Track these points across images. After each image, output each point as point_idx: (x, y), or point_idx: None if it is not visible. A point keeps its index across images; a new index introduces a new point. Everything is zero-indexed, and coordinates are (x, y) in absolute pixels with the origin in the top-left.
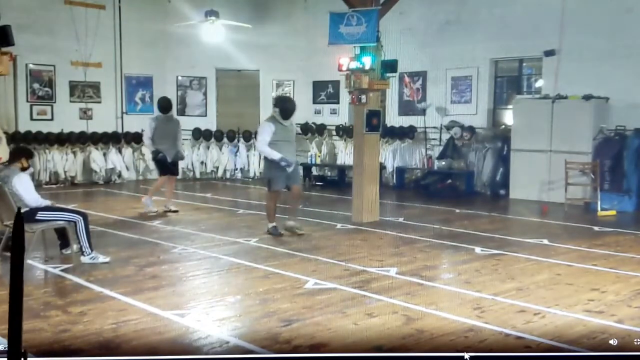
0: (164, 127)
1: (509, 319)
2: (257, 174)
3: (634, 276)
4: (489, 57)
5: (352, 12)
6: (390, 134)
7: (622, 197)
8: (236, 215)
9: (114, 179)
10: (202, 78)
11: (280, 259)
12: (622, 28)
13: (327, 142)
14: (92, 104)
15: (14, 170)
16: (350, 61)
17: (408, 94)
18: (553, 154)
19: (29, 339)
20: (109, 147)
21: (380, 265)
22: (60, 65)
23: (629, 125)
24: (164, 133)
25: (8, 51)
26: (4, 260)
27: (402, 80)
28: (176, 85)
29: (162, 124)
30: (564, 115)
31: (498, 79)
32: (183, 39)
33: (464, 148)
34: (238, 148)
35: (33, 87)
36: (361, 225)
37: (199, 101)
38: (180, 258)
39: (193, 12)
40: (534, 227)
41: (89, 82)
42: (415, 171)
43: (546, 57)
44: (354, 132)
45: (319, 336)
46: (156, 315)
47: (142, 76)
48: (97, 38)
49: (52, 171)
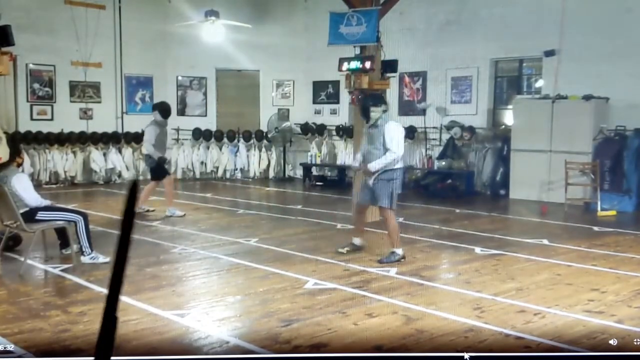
0: (163, 132)
1: (508, 319)
2: (257, 174)
3: (634, 276)
4: (489, 57)
5: (352, 12)
6: None
7: (622, 197)
8: (236, 215)
9: (114, 179)
10: (202, 78)
11: (280, 259)
12: (622, 28)
13: (327, 142)
14: (92, 104)
15: (13, 170)
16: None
17: (408, 94)
18: (553, 154)
19: (28, 339)
20: (109, 147)
21: (380, 265)
22: (60, 65)
23: (629, 126)
24: (163, 138)
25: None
26: (4, 260)
27: (402, 80)
28: (176, 85)
29: (162, 129)
30: (564, 116)
31: (498, 79)
32: (183, 39)
33: (464, 148)
34: (238, 148)
35: (33, 87)
36: None
37: (199, 101)
38: (180, 258)
39: (193, 12)
40: (534, 227)
41: (89, 82)
42: (415, 171)
43: (546, 57)
44: (354, 132)
45: (319, 336)
46: (156, 315)
47: (142, 76)
48: (97, 38)
49: (52, 171)
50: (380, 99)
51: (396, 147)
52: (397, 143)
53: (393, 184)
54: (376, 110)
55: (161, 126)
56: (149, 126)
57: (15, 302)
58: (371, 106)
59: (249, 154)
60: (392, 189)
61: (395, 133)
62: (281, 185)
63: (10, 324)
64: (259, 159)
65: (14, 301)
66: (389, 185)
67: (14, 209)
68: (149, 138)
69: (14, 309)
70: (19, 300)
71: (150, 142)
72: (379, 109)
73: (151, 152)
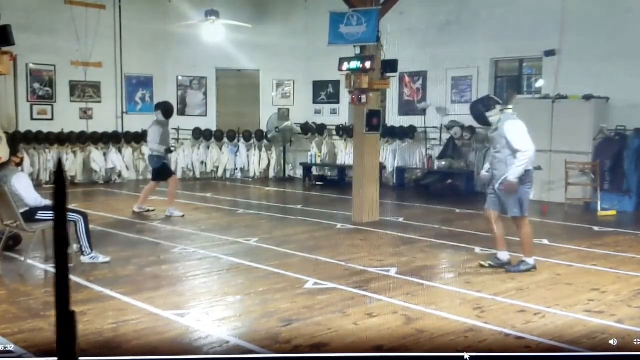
0: (166, 131)
1: (509, 319)
2: (257, 174)
3: (634, 276)
4: (489, 57)
5: (352, 12)
6: (390, 134)
7: (622, 197)
8: (236, 215)
9: (114, 179)
10: (202, 78)
11: (280, 259)
12: (622, 28)
13: (327, 142)
14: (93, 103)
15: (13, 169)
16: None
17: (408, 93)
18: (553, 154)
19: (29, 339)
20: (109, 147)
21: (380, 265)
22: (60, 65)
23: (629, 125)
24: (166, 137)
25: (8, 51)
26: (4, 260)
27: (402, 80)
28: (176, 85)
29: (165, 129)
30: (564, 115)
31: (498, 79)
32: (183, 38)
33: (464, 148)
34: (238, 148)
35: (33, 86)
36: (361, 225)
37: (199, 101)
38: (180, 258)
39: (193, 11)
40: (534, 227)
41: (89, 81)
42: (415, 171)
43: (546, 57)
44: (354, 132)
45: (319, 336)
46: (156, 315)
47: (142, 76)
48: (98, 38)
49: (52, 171)
50: (489, 100)
51: (521, 145)
52: (521, 140)
53: (521, 189)
54: (493, 114)
55: (164, 126)
56: (152, 126)
57: (16, 301)
58: (485, 111)
59: (249, 153)
60: (520, 194)
61: (515, 130)
62: (281, 185)
63: (10, 324)
64: (259, 158)
65: (14, 301)
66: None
67: (14, 209)
68: (153, 138)
69: (14, 308)
70: (19, 300)
71: (155, 141)
72: (495, 110)
73: (157, 149)
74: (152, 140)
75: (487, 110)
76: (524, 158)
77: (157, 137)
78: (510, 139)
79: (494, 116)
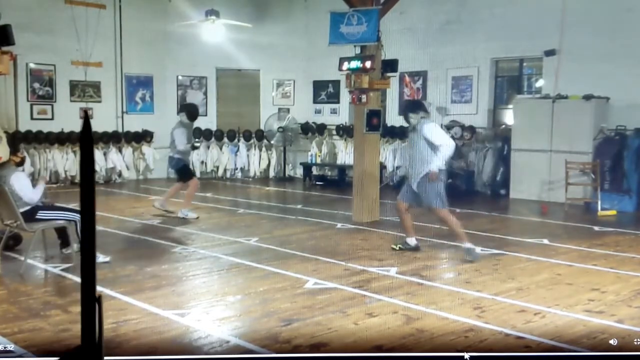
0: (189, 133)
1: (509, 318)
2: (257, 174)
3: (634, 276)
4: (490, 57)
5: (352, 12)
6: (390, 133)
7: (622, 197)
8: (236, 215)
9: (114, 179)
10: (203, 77)
11: (280, 258)
12: (622, 28)
13: (327, 141)
14: (93, 103)
15: (12, 169)
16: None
17: (408, 93)
18: (553, 154)
19: (29, 339)
20: (109, 147)
21: (380, 265)
22: (60, 64)
23: (629, 125)
24: (190, 139)
25: (8, 50)
26: (4, 260)
27: (402, 80)
28: (176, 85)
29: (189, 131)
30: (565, 115)
31: (498, 78)
32: (183, 38)
33: (465, 148)
34: (238, 148)
35: (33, 86)
36: (361, 224)
37: (199, 101)
38: (180, 258)
39: (193, 11)
40: (534, 227)
41: (89, 81)
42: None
43: (546, 57)
44: (354, 131)
45: (319, 336)
46: (156, 314)
47: (142, 76)
48: (98, 37)
49: (52, 170)
50: (421, 106)
51: (442, 140)
52: (442, 137)
53: (440, 184)
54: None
55: (188, 128)
56: (176, 128)
57: (16, 301)
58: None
59: (249, 153)
60: (438, 188)
61: (434, 130)
62: (281, 184)
63: (10, 324)
64: (259, 158)
65: (14, 301)
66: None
67: (14, 208)
68: (180, 140)
69: (14, 308)
70: (19, 299)
71: (182, 143)
72: (417, 116)
73: (185, 150)
74: (180, 143)
75: (411, 112)
76: (446, 151)
77: (184, 139)
78: (432, 137)
79: (414, 119)
